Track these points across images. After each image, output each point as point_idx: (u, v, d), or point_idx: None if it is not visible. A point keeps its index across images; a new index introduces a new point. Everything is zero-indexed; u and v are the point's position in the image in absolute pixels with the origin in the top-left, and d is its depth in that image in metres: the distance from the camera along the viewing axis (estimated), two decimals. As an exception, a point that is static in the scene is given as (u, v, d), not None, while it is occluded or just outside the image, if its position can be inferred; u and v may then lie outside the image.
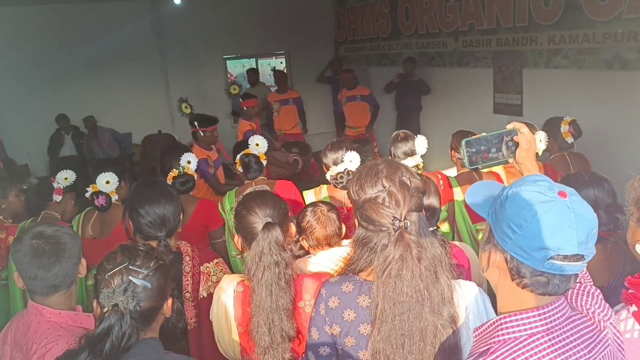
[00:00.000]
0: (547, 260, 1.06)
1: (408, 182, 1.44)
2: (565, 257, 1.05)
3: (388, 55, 8.91)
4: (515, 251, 1.10)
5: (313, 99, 9.38)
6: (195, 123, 4.60)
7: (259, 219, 1.83)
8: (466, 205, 2.92)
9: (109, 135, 8.09)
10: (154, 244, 2.08)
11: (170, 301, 1.60)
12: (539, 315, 1.10)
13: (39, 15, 8.04)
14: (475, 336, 1.20)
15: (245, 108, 6.31)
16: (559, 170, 3.64)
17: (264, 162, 3.31)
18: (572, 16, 5.40)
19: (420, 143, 3.18)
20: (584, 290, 1.24)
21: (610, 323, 1.19)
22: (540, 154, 3.59)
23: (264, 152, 3.29)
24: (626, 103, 4.76)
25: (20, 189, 3.40)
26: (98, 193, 3.02)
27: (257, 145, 3.20)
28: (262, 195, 1.93)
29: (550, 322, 1.11)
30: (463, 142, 1.52)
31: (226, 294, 1.85)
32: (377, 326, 1.38)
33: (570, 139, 3.81)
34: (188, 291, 2.05)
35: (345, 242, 2.21)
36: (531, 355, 1.06)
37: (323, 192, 3.13)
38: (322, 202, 2.33)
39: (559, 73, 5.68)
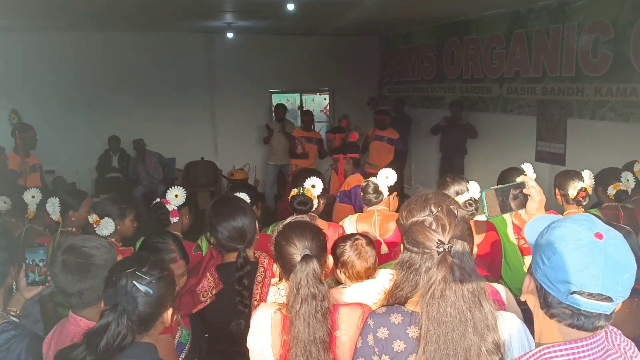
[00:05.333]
0: (570, 294, 1.10)
1: (455, 211, 1.50)
2: (591, 295, 1.09)
3: (431, 98, 8.99)
4: (543, 281, 1.16)
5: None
6: None
7: (297, 250, 1.85)
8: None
9: (155, 158, 8.36)
10: (234, 255, 2.29)
11: (170, 311, 1.66)
12: (581, 347, 1.13)
13: (99, 41, 8.47)
14: None
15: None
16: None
17: (315, 202, 3.19)
18: (620, 69, 5.39)
19: (474, 187, 3.19)
20: (613, 331, 1.26)
21: None
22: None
23: (317, 194, 3.19)
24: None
25: (136, 214, 3.44)
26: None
27: (313, 187, 3.11)
28: (302, 226, 1.95)
29: (591, 354, 1.14)
30: (482, 194, 1.64)
31: (263, 322, 1.87)
32: (422, 346, 1.41)
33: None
34: (256, 299, 2.18)
35: (380, 273, 2.24)
36: None
37: (352, 221, 3.20)
38: (360, 234, 2.35)
39: (605, 125, 5.64)
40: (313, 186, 3.08)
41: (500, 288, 2.07)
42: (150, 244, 2.27)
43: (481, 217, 3.03)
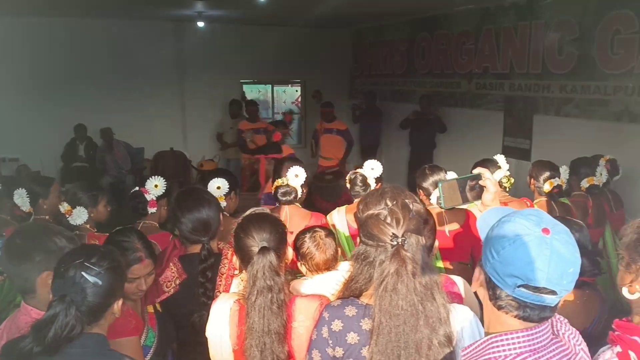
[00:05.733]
0: (517, 287, 1.15)
1: (410, 205, 1.52)
2: (536, 289, 1.14)
3: (402, 92, 9.05)
4: (492, 274, 1.20)
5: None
6: None
7: (255, 242, 1.86)
8: None
9: (123, 148, 8.23)
10: (197, 246, 2.29)
11: (120, 302, 1.66)
12: (527, 336, 1.18)
13: (65, 27, 8.27)
14: (464, 355, 1.27)
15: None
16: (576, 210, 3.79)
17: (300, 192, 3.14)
18: (584, 67, 5.51)
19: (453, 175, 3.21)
20: (558, 318, 1.30)
21: (582, 349, 1.28)
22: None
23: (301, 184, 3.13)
24: (632, 156, 4.81)
25: (109, 199, 3.40)
26: None
27: (296, 176, 3.05)
28: (261, 218, 1.95)
29: (536, 343, 1.18)
30: (440, 185, 1.68)
31: (222, 312, 1.88)
32: (374, 338, 1.44)
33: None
34: (219, 291, 2.19)
35: (342, 265, 2.25)
36: None
37: (341, 211, 3.21)
38: (319, 227, 2.36)
39: (569, 121, 5.77)
40: (296, 176, 3.04)
41: (458, 280, 2.10)
42: (113, 242, 2.12)
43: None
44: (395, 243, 1.46)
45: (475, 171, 1.70)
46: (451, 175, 3.22)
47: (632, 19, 4.93)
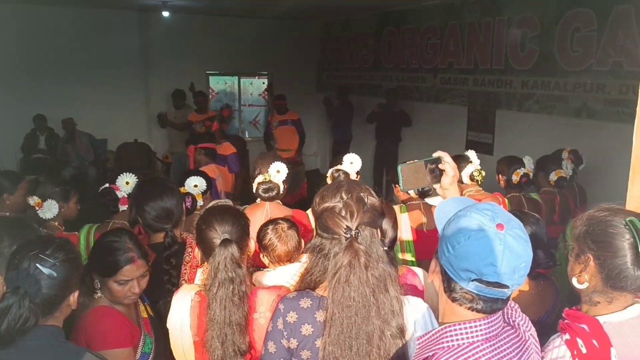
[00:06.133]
0: (471, 281, 1.18)
1: (365, 199, 1.55)
2: (489, 283, 1.17)
3: (369, 86, 9.09)
4: (447, 267, 1.23)
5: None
6: None
7: (217, 234, 1.87)
8: None
9: (86, 139, 8.06)
10: (161, 236, 2.29)
11: (76, 294, 1.65)
12: (479, 326, 1.22)
13: (24, 14, 8.03)
14: (419, 344, 1.30)
15: None
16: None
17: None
18: (545, 64, 5.64)
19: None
20: (510, 306, 1.35)
21: (531, 334, 1.33)
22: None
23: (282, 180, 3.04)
24: (589, 150, 4.94)
25: (79, 197, 3.32)
26: (186, 194, 3.02)
27: (278, 172, 2.96)
28: (223, 211, 1.96)
29: (488, 332, 1.23)
30: (399, 167, 1.68)
31: (183, 303, 1.88)
32: (327, 329, 1.46)
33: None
34: (185, 279, 2.19)
35: (305, 257, 2.26)
36: None
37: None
38: (282, 219, 2.37)
39: (530, 117, 5.90)
40: (278, 172, 2.95)
41: (419, 272, 2.14)
42: (103, 243, 1.99)
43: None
44: (349, 236, 1.48)
45: (435, 155, 1.70)
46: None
47: (591, 17, 5.07)
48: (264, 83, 10.81)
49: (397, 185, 3.37)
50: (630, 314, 1.49)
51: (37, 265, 1.51)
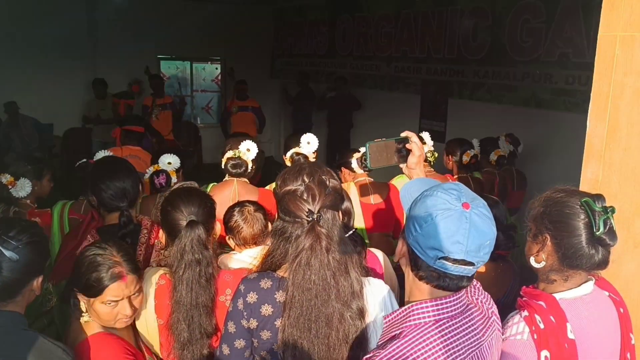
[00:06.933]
0: (438, 259, 1.22)
1: (327, 182, 1.55)
2: (455, 261, 1.21)
3: (323, 73, 9.10)
4: (415, 246, 1.27)
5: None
6: None
7: (183, 216, 1.84)
8: None
9: (30, 124, 7.72)
10: (116, 216, 2.23)
11: (40, 279, 1.61)
12: (445, 303, 1.26)
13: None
14: (387, 322, 1.33)
15: None
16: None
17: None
18: (496, 53, 5.79)
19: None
20: (473, 285, 1.41)
21: (493, 312, 1.39)
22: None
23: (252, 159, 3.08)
24: (537, 139, 5.13)
25: (52, 175, 3.24)
26: (159, 172, 3.03)
27: (248, 150, 3.00)
28: (189, 192, 1.94)
29: (454, 309, 1.27)
30: (367, 145, 1.70)
31: (147, 286, 1.85)
32: (287, 312, 1.47)
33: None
34: (139, 260, 2.11)
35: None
36: (438, 337, 1.22)
37: None
38: (248, 201, 2.36)
39: (481, 106, 6.06)
40: (248, 150, 2.98)
41: (379, 254, 2.17)
42: (84, 258, 1.66)
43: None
44: (310, 219, 1.48)
45: (403, 134, 1.73)
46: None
47: (540, 9, 5.23)
48: (217, 69, 10.64)
49: (344, 169, 3.41)
50: (584, 290, 1.57)
51: None
